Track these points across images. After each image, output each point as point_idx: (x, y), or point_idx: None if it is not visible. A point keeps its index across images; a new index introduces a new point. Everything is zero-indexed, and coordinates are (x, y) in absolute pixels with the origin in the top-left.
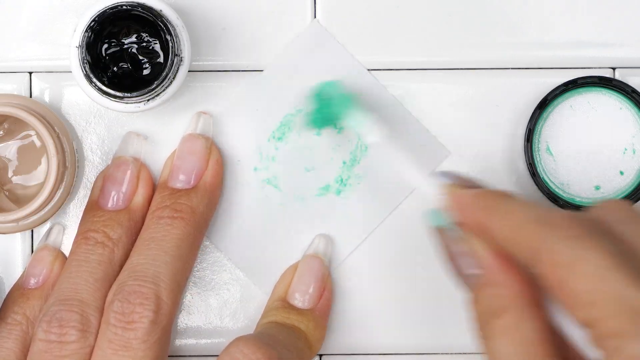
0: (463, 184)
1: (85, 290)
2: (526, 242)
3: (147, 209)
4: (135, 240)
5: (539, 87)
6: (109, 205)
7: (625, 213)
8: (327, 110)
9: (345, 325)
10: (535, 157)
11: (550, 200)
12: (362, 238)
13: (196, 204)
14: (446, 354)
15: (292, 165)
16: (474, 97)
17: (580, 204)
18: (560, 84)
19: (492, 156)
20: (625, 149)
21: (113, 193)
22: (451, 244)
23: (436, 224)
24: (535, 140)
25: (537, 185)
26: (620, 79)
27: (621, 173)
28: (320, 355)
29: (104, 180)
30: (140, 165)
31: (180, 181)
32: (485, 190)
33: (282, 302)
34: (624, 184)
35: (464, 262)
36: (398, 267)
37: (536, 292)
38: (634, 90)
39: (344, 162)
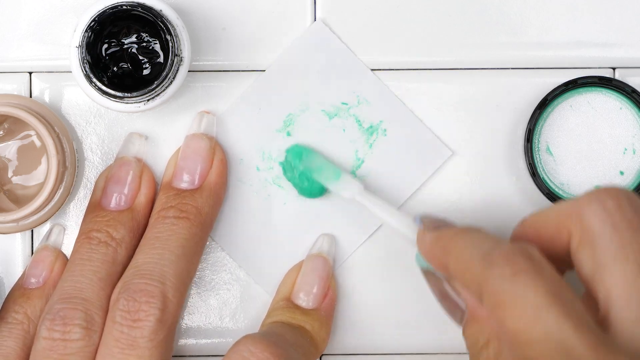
0: (431, 225)
1: (89, 289)
2: (472, 281)
3: (150, 209)
4: (138, 241)
5: (539, 87)
6: (112, 205)
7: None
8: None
9: (346, 325)
10: (535, 157)
11: (551, 200)
12: (364, 238)
13: (201, 204)
14: (446, 354)
15: None
16: (474, 97)
17: None
18: (560, 84)
19: (492, 156)
20: (625, 149)
21: (116, 193)
22: (438, 285)
23: (422, 267)
24: (535, 140)
25: (537, 185)
26: (620, 79)
27: (621, 173)
28: (321, 356)
29: (107, 180)
30: (143, 166)
31: (185, 181)
32: (444, 231)
33: (286, 302)
34: (624, 184)
35: (449, 303)
36: (399, 267)
37: None
38: (634, 90)
39: None
